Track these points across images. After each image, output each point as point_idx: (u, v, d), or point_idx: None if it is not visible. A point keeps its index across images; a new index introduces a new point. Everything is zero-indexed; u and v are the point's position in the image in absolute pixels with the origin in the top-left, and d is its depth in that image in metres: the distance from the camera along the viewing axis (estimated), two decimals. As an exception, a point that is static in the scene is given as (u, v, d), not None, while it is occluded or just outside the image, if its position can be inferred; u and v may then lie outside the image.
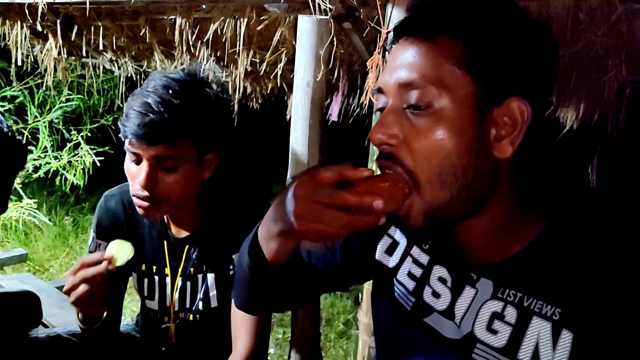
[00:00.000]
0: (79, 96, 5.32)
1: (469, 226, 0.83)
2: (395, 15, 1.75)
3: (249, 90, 2.93)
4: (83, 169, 5.27)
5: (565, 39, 1.87)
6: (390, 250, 1.04)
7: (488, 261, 0.84)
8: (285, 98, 3.19)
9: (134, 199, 1.38)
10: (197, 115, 1.34)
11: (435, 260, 0.95)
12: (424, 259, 0.97)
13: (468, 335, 0.85)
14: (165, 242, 1.56)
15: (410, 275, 0.98)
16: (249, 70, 2.72)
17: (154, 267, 1.59)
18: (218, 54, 2.70)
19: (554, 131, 2.27)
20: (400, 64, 0.79)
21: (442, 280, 0.92)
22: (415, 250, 0.99)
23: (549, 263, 0.78)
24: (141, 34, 2.73)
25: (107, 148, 5.29)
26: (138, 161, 1.35)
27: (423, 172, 0.77)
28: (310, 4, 1.82)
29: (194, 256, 1.55)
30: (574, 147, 2.25)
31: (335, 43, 1.91)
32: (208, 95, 1.40)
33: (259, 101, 3.24)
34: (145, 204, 1.36)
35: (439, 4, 0.81)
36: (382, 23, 1.80)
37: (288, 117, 3.18)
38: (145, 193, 1.33)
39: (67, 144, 5.35)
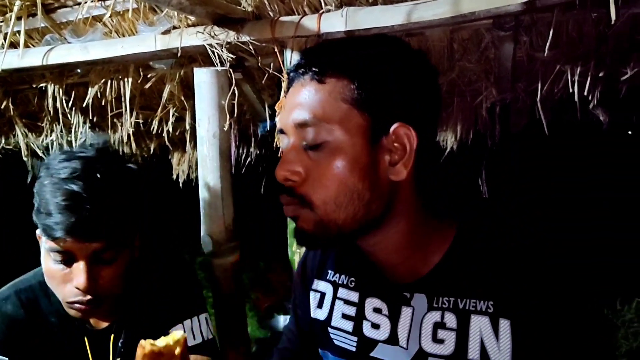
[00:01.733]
0: None
1: (379, 244, 0.88)
2: (295, 59, 1.81)
3: (129, 153, 2.78)
4: None
5: (444, 68, 2.08)
6: (320, 304, 1.05)
7: (415, 277, 0.89)
8: (170, 157, 3.08)
9: (68, 305, 1.20)
10: (127, 195, 1.22)
11: (365, 294, 0.97)
12: (353, 296, 0.99)
13: (417, 353, 0.87)
14: (85, 338, 1.34)
15: (345, 316, 0.99)
16: (130, 132, 2.59)
17: None
18: (95, 120, 2.54)
19: (437, 153, 2.48)
20: (295, 105, 0.84)
21: (377, 310, 0.94)
22: (343, 292, 1.01)
23: (470, 264, 0.85)
24: (2, 107, 2.49)
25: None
26: (68, 261, 1.17)
27: (319, 197, 0.82)
28: (211, 56, 1.82)
29: (120, 344, 1.37)
30: (462, 163, 2.48)
31: (236, 92, 1.91)
32: (130, 169, 1.27)
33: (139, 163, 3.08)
34: (86, 307, 1.19)
35: (325, 47, 0.89)
36: (282, 68, 1.85)
37: (174, 175, 3.07)
38: (89, 297, 1.16)
39: None
